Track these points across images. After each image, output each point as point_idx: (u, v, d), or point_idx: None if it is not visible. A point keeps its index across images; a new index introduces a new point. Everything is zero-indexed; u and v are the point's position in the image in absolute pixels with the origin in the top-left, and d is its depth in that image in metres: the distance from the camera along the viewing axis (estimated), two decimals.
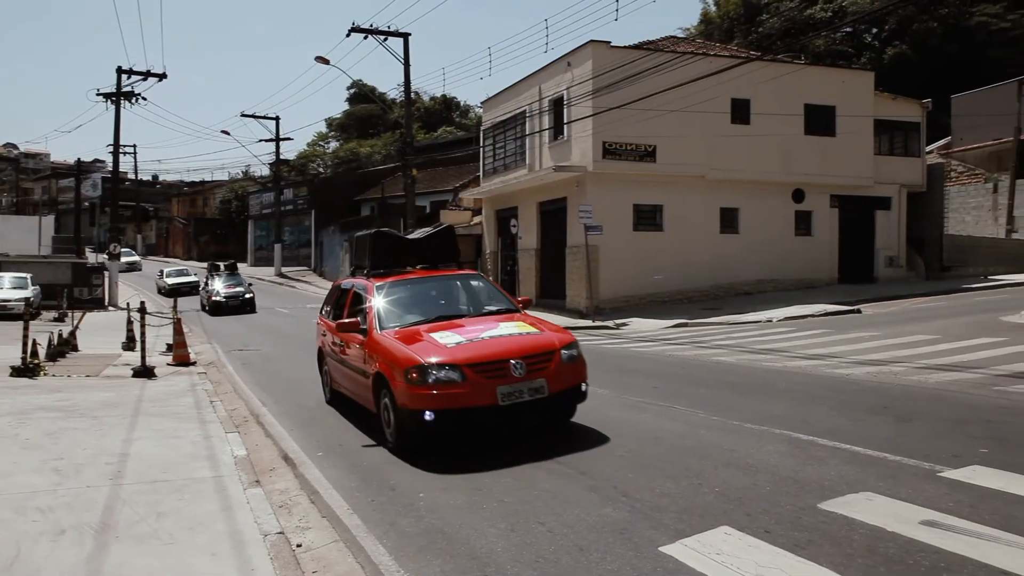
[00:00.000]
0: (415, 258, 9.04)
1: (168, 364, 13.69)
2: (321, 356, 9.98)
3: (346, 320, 8.02)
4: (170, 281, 36.54)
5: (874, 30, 51.93)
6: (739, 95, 22.81)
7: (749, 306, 20.61)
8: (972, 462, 5.54)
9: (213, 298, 27.78)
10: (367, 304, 8.02)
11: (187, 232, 67.62)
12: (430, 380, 6.47)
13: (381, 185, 44.34)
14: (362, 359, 7.70)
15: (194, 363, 13.95)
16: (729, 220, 23.97)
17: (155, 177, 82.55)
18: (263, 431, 8.39)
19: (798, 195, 24.77)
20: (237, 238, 60.08)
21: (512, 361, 6.57)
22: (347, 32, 28.37)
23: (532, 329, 7.32)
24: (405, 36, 28.88)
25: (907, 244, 27.10)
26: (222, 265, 31.62)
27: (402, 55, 28.84)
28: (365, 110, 67.15)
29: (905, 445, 6.14)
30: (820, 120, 24.60)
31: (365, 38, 28.58)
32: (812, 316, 18.27)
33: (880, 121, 25.84)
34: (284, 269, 47.24)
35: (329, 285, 43.81)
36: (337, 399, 9.38)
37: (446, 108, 71.10)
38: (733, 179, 23.41)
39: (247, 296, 28.18)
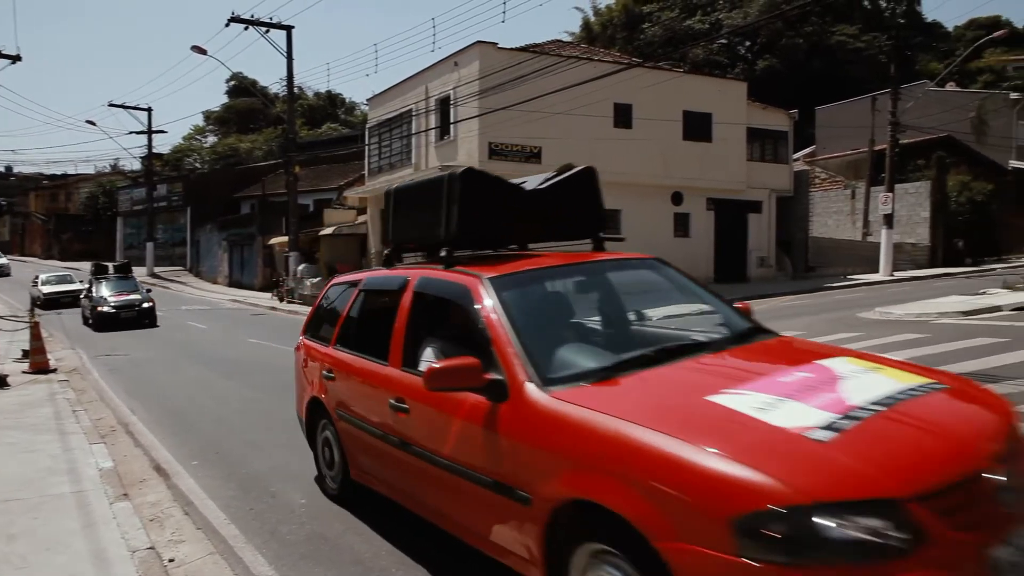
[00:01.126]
0: (535, 226, 5.14)
1: (24, 372, 12.70)
2: (316, 413, 5.63)
3: (444, 365, 3.56)
4: (46, 290, 29.74)
5: (747, 43, 54.78)
6: (621, 100, 23.49)
7: (631, 305, 21.21)
8: None
9: (100, 308, 21.71)
10: (480, 324, 3.86)
11: (47, 229, 63.14)
12: (831, 540, 2.37)
13: (262, 182, 42.93)
14: (491, 452, 3.50)
15: (54, 370, 13.02)
16: (612, 222, 24.63)
17: (9, 168, 76.79)
18: (132, 441, 7.92)
19: (677, 198, 25.76)
20: (104, 236, 56.65)
21: (991, 475, 2.67)
22: (226, 22, 27.29)
23: (923, 379, 3.34)
24: (288, 29, 28.10)
25: (776, 245, 28.69)
26: (111, 267, 25.75)
27: (285, 48, 28.05)
28: (246, 104, 64.86)
29: None
30: (698, 126, 25.67)
31: (246, 29, 27.61)
32: (689, 315, 19.01)
33: (752, 129, 27.25)
34: (157, 269, 44.96)
35: (208, 286, 42.50)
36: (353, 491, 5.27)
37: (331, 104, 69.71)
38: (615, 181, 23.94)
39: (145, 305, 22.16)
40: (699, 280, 5.02)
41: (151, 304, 22.45)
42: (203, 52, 28.28)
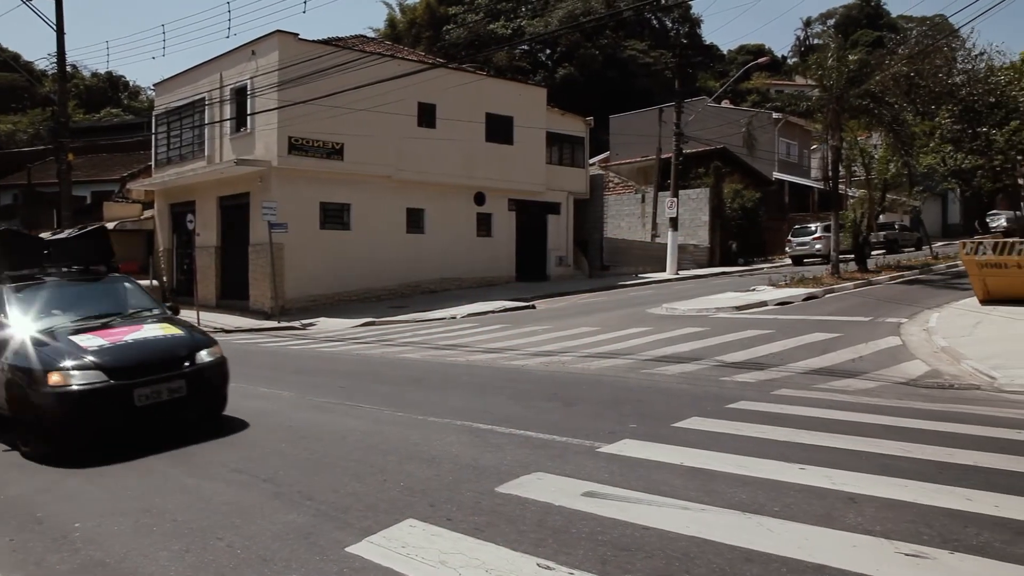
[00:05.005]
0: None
1: None
2: None
3: None
4: None
5: (547, 51, 56.96)
6: (426, 99, 23.55)
7: (435, 304, 21.38)
8: (624, 437, 6.29)
9: (64, 387, 6.56)
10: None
11: None
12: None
13: (28, 170, 38.42)
14: None
15: None
16: (415, 220, 24.63)
17: None
18: None
19: (479, 198, 26.26)
20: None
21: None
22: None
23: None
24: None
25: (574, 245, 30.09)
26: (47, 239, 9.03)
27: (54, 19, 25.29)
28: (6, 80, 57.60)
29: (570, 426, 6.78)
30: (500, 129, 26.31)
31: None
32: (492, 312, 19.46)
33: (551, 134, 28.37)
34: None
35: None
36: None
37: (112, 87, 63.87)
38: (419, 180, 24.10)
39: (206, 359, 7.37)
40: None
41: (216, 359, 7.52)
42: None
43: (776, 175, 40.03)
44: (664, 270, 28.55)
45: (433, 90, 23.03)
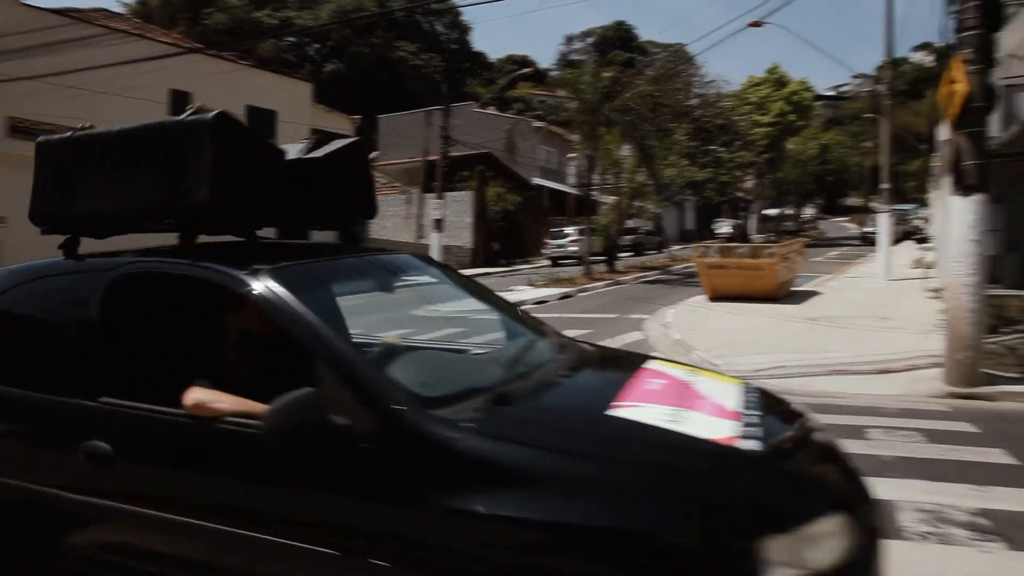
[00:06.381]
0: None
1: None
2: None
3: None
4: None
5: (316, 45, 55.52)
6: (179, 86, 21.94)
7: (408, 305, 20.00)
8: None
9: None
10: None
11: None
12: None
13: None
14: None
15: None
16: None
17: None
18: None
19: None
20: None
21: None
22: None
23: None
24: None
25: None
26: None
27: None
28: None
29: None
30: (261, 123, 25.15)
31: None
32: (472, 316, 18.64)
33: (316, 131, 27.65)
34: None
35: None
36: None
37: None
38: None
39: None
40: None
41: None
42: None
43: (537, 180, 42.13)
44: None
45: (188, 77, 21.50)
